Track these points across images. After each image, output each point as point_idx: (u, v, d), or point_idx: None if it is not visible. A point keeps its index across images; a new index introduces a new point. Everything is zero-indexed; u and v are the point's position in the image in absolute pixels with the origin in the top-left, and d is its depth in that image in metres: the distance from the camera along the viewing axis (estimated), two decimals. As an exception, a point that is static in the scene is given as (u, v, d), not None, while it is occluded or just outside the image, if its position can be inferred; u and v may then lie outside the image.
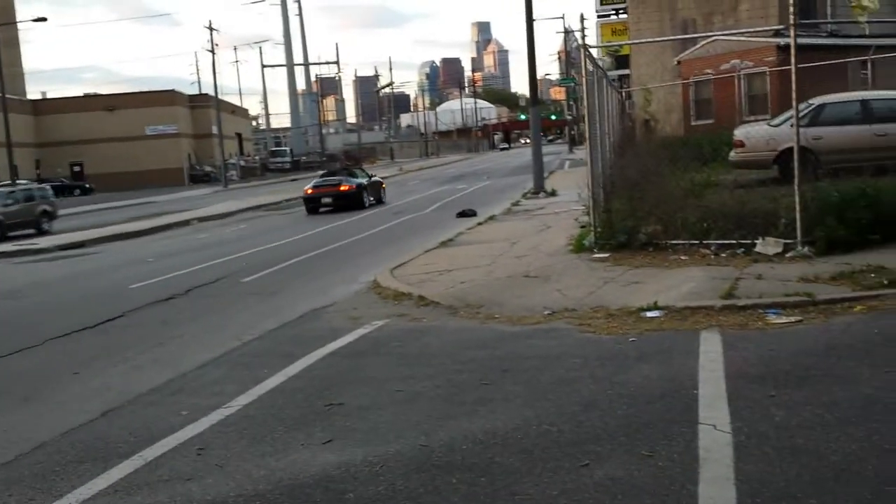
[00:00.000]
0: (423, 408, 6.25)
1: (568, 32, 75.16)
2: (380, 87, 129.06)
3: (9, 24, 72.35)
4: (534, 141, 30.35)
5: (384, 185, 34.24)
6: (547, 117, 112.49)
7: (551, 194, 26.29)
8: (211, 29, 69.45)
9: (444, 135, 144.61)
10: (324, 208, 29.43)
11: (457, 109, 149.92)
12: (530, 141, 33.43)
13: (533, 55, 29.29)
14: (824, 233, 10.46)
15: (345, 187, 29.89)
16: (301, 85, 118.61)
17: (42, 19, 44.41)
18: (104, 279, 16.08)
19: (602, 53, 53.23)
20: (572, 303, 9.46)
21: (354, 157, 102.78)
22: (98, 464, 5.63)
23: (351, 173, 32.24)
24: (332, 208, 29.14)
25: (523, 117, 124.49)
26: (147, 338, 9.88)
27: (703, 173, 16.07)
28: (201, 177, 79.52)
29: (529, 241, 15.03)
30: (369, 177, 32.84)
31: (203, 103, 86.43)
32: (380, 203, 31.60)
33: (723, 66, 30.72)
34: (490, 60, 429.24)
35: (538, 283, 10.83)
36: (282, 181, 70.62)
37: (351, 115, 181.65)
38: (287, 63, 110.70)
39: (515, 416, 5.84)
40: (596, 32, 61.34)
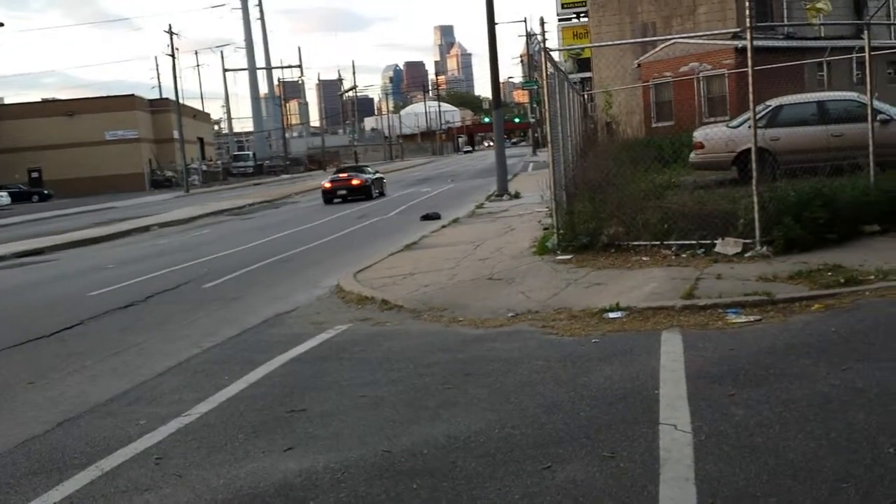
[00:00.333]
0: (386, 413, 6.21)
1: (530, 36, 75.50)
2: (343, 91, 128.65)
3: (-37, 29, 71.02)
4: (497, 144, 30.42)
5: (385, 181, 39.13)
6: (510, 120, 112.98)
7: (515, 197, 26.38)
8: (171, 33, 68.81)
9: (408, 138, 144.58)
10: (335, 198, 34.71)
11: (421, 113, 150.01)
12: (494, 144, 33.54)
13: (495, 58, 29.40)
14: (782, 232, 10.58)
15: (356, 182, 35.35)
16: (264, 89, 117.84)
17: (-2, 24, 43.71)
18: (62, 287, 15.83)
19: (564, 56, 53.49)
20: (536, 305, 9.48)
21: (318, 161, 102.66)
22: (53, 475, 5.53)
23: (361, 170, 38.51)
24: (347, 199, 34.57)
25: (487, 120, 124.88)
26: (105, 346, 9.73)
27: (663, 175, 16.21)
28: (162, 182, 78.75)
29: (493, 244, 15.05)
30: (374, 173, 37.91)
31: (164, 108, 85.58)
32: (382, 196, 36.22)
33: (682, 68, 31.07)
34: (453, 64, 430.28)
35: (502, 286, 10.84)
36: (245, 185, 70.20)
37: (314, 119, 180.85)
38: (249, 67, 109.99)
39: (478, 420, 5.83)
40: (557, 36, 61.74)
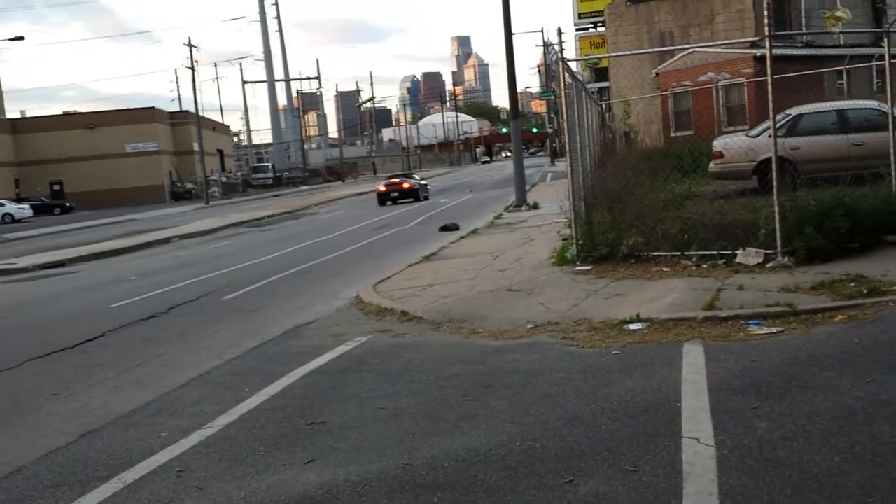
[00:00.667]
0: (406, 425, 6.21)
1: (547, 46, 75.47)
2: (361, 102, 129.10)
3: (-14, 43, 71.90)
4: (515, 154, 30.42)
5: (428, 186, 44.52)
6: (528, 130, 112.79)
7: (533, 207, 26.33)
8: (190, 46, 69.38)
9: (426, 148, 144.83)
10: (389, 200, 39.65)
11: (438, 123, 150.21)
12: (512, 154, 33.59)
13: (513, 69, 29.42)
14: (804, 242, 10.50)
15: (407, 185, 40.99)
16: (282, 101, 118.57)
17: (19, 38, 44.14)
18: (84, 298, 15.94)
19: (581, 66, 53.49)
20: (555, 316, 9.46)
21: (336, 172, 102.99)
22: (76, 487, 5.56)
23: (409, 176, 45.28)
24: (399, 201, 39.68)
25: (505, 130, 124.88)
26: (127, 358, 9.79)
27: (683, 184, 16.14)
28: (182, 194, 79.23)
29: (512, 255, 15.03)
30: (420, 179, 44.31)
31: (184, 120, 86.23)
32: (427, 199, 40.86)
33: (700, 77, 30.96)
34: (471, 74, 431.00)
35: (521, 297, 10.82)
36: (264, 197, 70.51)
37: (333, 130, 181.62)
38: (268, 79, 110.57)
39: (499, 433, 5.81)
40: (575, 45, 61.72)
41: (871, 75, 29.60)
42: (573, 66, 15.53)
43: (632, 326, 8.64)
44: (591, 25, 63.63)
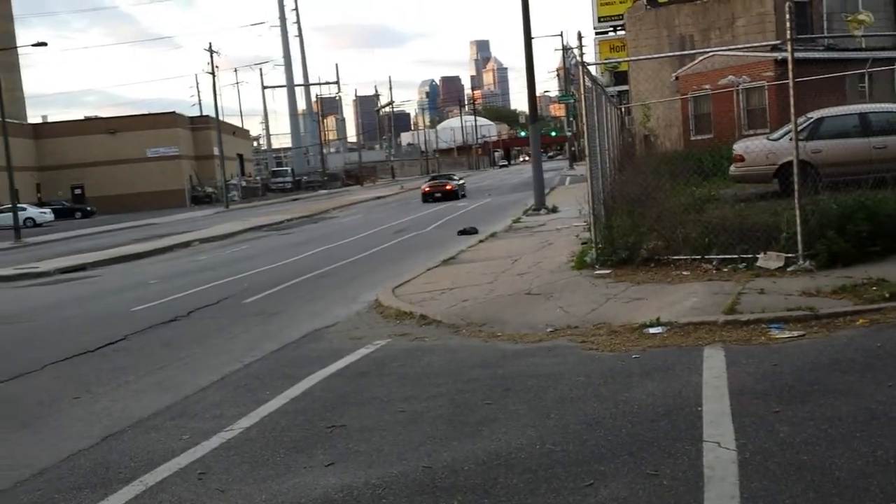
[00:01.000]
0: (426, 429, 6.22)
1: (566, 49, 75.32)
2: (380, 107, 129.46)
3: (9, 49, 72.71)
4: (534, 158, 30.38)
5: (466, 185, 50.21)
6: (547, 134, 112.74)
7: (552, 211, 26.30)
8: (211, 51, 69.78)
9: (444, 152, 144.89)
10: (432, 199, 43.84)
11: (457, 127, 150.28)
12: (530, 158, 33.56)
13: (532, 72, 29.43)
14: (825, 246, 10.44)
15: (449, 186, 46.04)
16: (302, 105, 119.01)
17: (42, 44, 44.39)
18: (106, 302, 16.06)
19: (600, 70, 53.37)
20: (575, 320, 9.44)
21: (355, 176, 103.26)
22: (98, 490, 5.60)
23: (450, 177, 50.93)
24: (441, 199, 43.80)
25: (523, 134, 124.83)
26: (149, 361, 9.86)
27: (703, 188, 16.07)
28: (203, 198, 79.68)
29: (531, 258, 15.01)
30: (459, 180, 49.94)
31: (204, 125, 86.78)
32: (465, 197, 45.43)
33: (721, 81, 30.82)
34: (489, 78, 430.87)
35: (540, 301, 10.81)
36: (283, 201, 70.77)
37: (352, 135, 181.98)
38: (287, 84, 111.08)
39: (519, 436, 5.81)
40: (594, 49, 61.65)
41: (893, 78, 29.39)
42: (592, 69, 15.50)
43: (652, 330, 8.61)
44: (611, 29, 63.59)
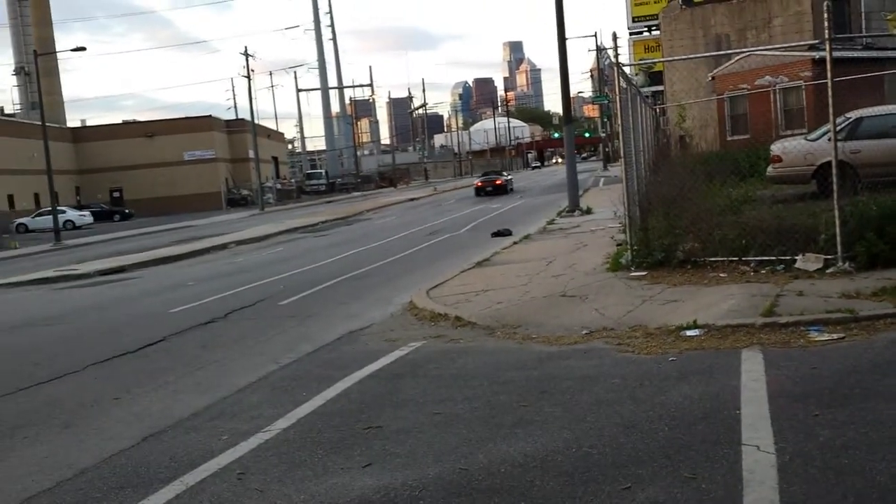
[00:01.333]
0: (462, 430, 6.23)
1: (600, 50, 75.00)
2: (413, 109, 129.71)
3: (48, 54, 73.82)
4: (568, 159, 30.28)
5: (513, 181, 57.57)
6: (580, 135, 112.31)
7: (586, 212, 26.21)
8: (247, 55, 70.37)
9: (477, 154, 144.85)
10: (484, 193, 50.33)
11: (490, 129, 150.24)
12: (564, 159, 33.47)
13: (566, 73, 29.34)
14: (865, 248, 10.31)
15: (499, 181, 52.59)
16: (336, 108, 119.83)
17: (81, 49, 45.02)
18: (145, 304, 16.25)
19: (635, 71, 53.06)
20: (610, 322, 9.41)
21: (389, 178, 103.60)
22: (139, 490, 5.68)
23: (499, 173, 59.84)
24: (493, 194, 49.94)
25: (557, 135, 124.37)
26: (187, 362, 9.97)
27: (740, 189, 15.94)
28: (238, 200, 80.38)
29: (566, 260, 14.97)
30: (508, 175, 58.23)
31: (239, 128, 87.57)
32: (513, 191, 52.08)
33: (758, 80, 30.52)
34: (522, 79, 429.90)
35: (575, 303, 10.78)
36: (317, 203, 71.19)
37: (385, 137, 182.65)
38: (322, 87, 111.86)
39: (555, 439, 5.80)
40: (629, 50, 61.32)
41: (934, 77, 28.91)
42: (627, 70, 15.43)
43: (688, 333, 8.55)
44: (645, 29, 63.25)
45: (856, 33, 33.74)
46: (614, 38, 13.46)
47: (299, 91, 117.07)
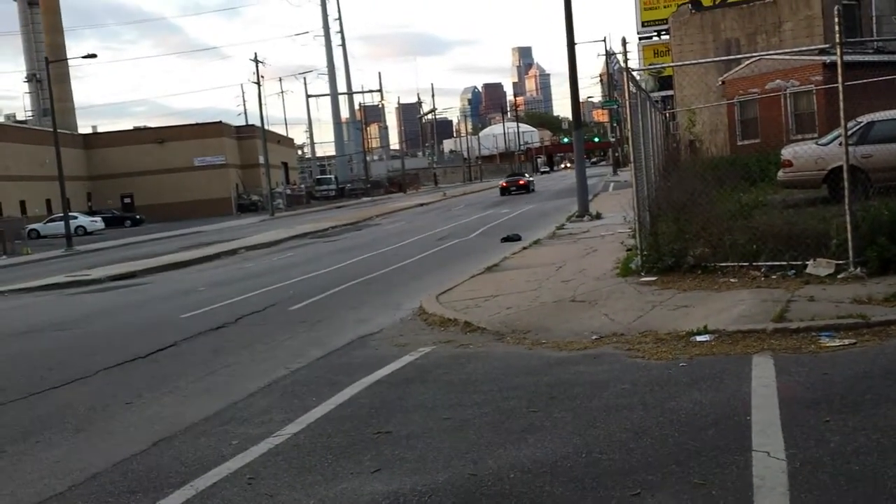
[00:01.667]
0: (471, 436, 6.23)
1: (610, 55, 74.96)
2: (423, 114, 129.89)
3: (60, 61, 74.25)
4: (578, 164, 30.25)
5: (534, 181, 64.03)
6: (590, 139, 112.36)
7: (596, 217, 26.16)
8: (256, 61, 70.59)
9: (486, 159, 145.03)
10: (508, 193, 56.23)
11: (499, 134, 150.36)
12: (574, 163, 33.46)
13: (575, 78, 29.35)
14: (876, 253, 10.26)
15: (522, 181, 59.30)
16: (345, 113, 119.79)
17: (91, 56, 45.25)
18: (155, 309, 16.31)
19: (645, 75, 53.02)
20: (620, 327, 9.39)
21: (398, 184, 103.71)
22: (150, 494, 5.70)
23: (522, 174, 70.14)
24: (516, 192, 56.13)
25: (566, 140, 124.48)
26: (198, 367, 10.00)
27: (751, 194, 15.89)
28: (248, 206, 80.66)
29: (575, 265, 14.95)
30: (529, 176, 65.39)
31: (249, 134, 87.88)
32: (534, 191, 57.49)
33: (768, 85, 30.46)
34: (532, 84, 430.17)
35: (585, 308, 10.76)
36: (327, 209, 71.32)
37: (395, 142, 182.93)
38: (331, 92, 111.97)
39: (564, 445, 5.79)
40: (638, 54, 61.30)
41: (945, 81, 28.77)
42: (637, 75, 15.42)
43: (699, 338, 8.53)
44: (655, 33, 63.20)
45: (867, 37, 33.65)
46: (623, 42, 13.45)
47: (309, 97, 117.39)
